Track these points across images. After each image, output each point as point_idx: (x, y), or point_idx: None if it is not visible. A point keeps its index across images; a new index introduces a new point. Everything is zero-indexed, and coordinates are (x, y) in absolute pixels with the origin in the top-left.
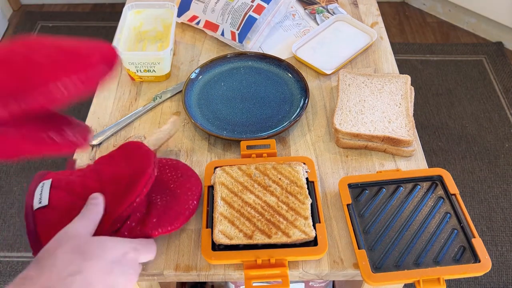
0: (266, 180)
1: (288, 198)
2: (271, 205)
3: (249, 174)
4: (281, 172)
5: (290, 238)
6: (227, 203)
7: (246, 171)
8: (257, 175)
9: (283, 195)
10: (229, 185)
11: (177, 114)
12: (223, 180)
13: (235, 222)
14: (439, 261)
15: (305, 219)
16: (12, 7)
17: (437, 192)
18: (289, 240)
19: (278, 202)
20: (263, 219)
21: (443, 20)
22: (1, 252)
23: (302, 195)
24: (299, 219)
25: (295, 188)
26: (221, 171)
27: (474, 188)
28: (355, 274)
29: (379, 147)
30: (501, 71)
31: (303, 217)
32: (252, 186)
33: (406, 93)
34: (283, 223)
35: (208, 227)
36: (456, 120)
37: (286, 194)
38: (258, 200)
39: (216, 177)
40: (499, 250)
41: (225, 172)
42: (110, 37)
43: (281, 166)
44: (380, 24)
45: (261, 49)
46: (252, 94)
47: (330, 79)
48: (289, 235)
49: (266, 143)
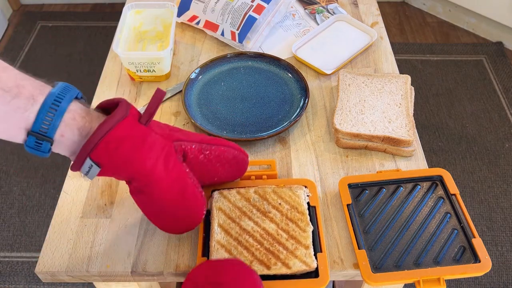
0: (266, 205)
1: (288, 225)
2: (270, 233)
3: (248, 199)
4: (281, 196)
5: (290, 269)
6: (224, 230)
7: (245, 195)
8: (256, 200)
9: (283, 222)
10: (227, 210)
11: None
12: (220, 205)
13: (232, 251)
14: (439, 261)
15: (305, 249)
16: (12, 7)
17: (437, 192)
18: (289, 271)
19: (278, 229)
20: (262, 248)
21: (443, 20)
22: (1, 252)
23: (303, 222)
24: (299, 248)
25: (295, 214)
26: (219, 195)
27: (474, 188)
28: (355, 274)
29: (379, 147)
30: (501, 71)
31: (304, 246)
32: (251, 212)
33: (406, 93)
34: (283, 252)
35: (203, 255)
36: (456, 120)
37: (286, 221)
38: (257, 228)
39: (214, 201)
40: (499, 250)
41: (222, 196)
42: (110, 37)
43: (281, 190)
44: (380, 24)
45: (261, 49)
46: (252, 94)
47: (330, 79)
48: (289, 266)
49: (266, 163)
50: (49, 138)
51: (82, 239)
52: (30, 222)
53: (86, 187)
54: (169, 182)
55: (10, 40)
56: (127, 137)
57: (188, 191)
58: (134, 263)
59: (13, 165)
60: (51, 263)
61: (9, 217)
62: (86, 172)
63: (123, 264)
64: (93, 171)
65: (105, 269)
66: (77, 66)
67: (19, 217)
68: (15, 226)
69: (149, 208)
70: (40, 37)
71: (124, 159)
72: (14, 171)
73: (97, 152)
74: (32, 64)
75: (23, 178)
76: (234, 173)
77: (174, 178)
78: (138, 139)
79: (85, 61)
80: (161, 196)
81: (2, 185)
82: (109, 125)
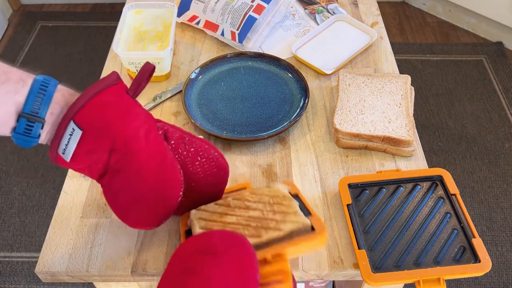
0: (246, 203)
1: (273, 206)
2: (256, 217)
3: (227, 204)
4: (260, 193)
5: (283, 231)
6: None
7: (223, 203)
8: (236, 203)
9: (267, 207)
10: (207, 217)
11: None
12: (199, 215)
13: None
14: (439, 261)
15: (294, 214)
16: (12, 7)
17: (437, 192)
18: (281, 233)
19: (263, 212)
20: (250, 228)
21: (443, 20)
22: (1, 252)
23: (286, 199)
24: (288, 215)
25: (277, 199)
26: (196, 211)
27: (474, 188)
28: (355, 274)
29: (379, 147)
30: (501, 71)
31: (293, 212)
32: (232, 211)
33: (406, 93)
34: (272, 222)
35: None
36: (456, 120)
37: (270, 206)
38: (241, 219)
39: (192, 215)
40: (499, 250)
41: (201, 209)
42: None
43: (259, 189)
44: (380, 24)
45: (261, 49)
46: (252, 94)
47: (330, 79)
48: (281, 229)
49: (242, 187)
50: (41, 118)
51: (82, 239)
52: (30, 222)
53: (86, 187)
54: (149, 153)
55: (10, 40)
56: (113, 103)
57: (167, 164)
58: (134, 263)
59: (13, 165)
60: (51, 263)
61: (9, 217)
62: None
63: (123, 264)
64: (72, 142)
65: (105, 269)
66: (77, 66)
67: (19, 217)
68: (15, 226)
69: (123, 194)
70: (40, 37)
71: (107, 124)
72: (14, 171)
73: (82, 113)
74: (32, 64)
75: (23, 178)
76: (213, 181)
77: (155, 150)
78: (123, 108)
79: (85, 61)
80: (140, 168)
81: (2, 185)
82: (97, 88)
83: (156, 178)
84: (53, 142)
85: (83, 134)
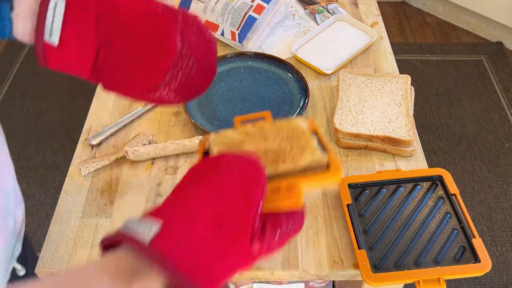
0: (264, 132)
1: (292, 140)
2: (273, 149)
3: (246, 132)
4: (280, 126)
5: (299, 165)
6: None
7: (242, 131)
8: (255, 131)
9: (285, 140)
10: (226, 141)
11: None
12: (218, 140)
13: None
14: (439, 261)
15: (312, 150)
16: None
17: (437, 192)
18: (297, 167)
19: (281, 145)
20: (267, 159)
21: (443, 20)
22: None
23: (305, 135)
24: (306, 150)
25: (296, 132)
26: (215, 136)
27: (474, 188)
28: (355, 274)
29: (379, 147)
30: (501, 71)
31: (310, 148)
32: (251, 140)
33: (406, 93)
34: (289, 156)
35: None
36: (456, 120)
37: (289, 139)
38: (259, 148)
39: (211, 139)
40: (499, 250)
41: (219, 134)
42: None
43: (279, 122)
44: (380, 24)
45: (261, 49)
46: (252, 94)
47: (330, 79)
48: (297, 163)
49: (260, 116)
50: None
51: (82, 239)
52: (30, 222)
53: (86, 187)
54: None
55: (10, 40)
56: None
57: (158, 11)
58: None
59: (13, 165)
60: (51, 263)
61: None
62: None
63: None
64: (57, 18)
65: None
66: None
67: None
68: None
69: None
70: None
71: None
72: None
73: None
74: (32, 64)
75: (23, 178)
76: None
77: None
78: None
79: None
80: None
81: None
82: None
83: (149, 30)
84: (38, 26)
85: (67, 5)
